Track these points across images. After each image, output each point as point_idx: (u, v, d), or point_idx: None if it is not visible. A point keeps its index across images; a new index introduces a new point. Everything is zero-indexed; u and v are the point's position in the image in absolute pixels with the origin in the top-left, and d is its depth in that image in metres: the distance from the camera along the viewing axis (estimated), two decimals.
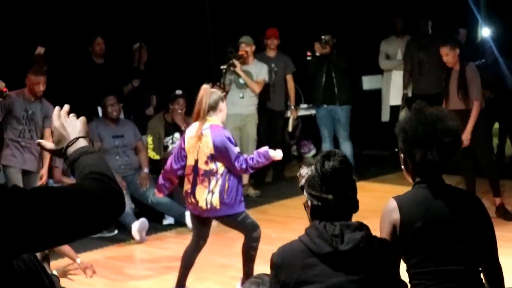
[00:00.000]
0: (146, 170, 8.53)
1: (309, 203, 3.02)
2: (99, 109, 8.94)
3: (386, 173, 10.53)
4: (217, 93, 5.77)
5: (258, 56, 9.77)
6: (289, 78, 10.25)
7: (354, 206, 3.03)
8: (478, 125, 7.70)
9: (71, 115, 2.38)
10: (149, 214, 8.14)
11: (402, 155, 3.31)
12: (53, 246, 2.18)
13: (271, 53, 10.04)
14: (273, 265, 2.98)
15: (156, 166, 8.64)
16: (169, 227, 8.26)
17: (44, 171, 7.76)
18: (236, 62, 9.35)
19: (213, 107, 5.66)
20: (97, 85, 8.95)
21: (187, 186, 5.81)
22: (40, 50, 8.58)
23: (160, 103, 9.43)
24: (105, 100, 8.45)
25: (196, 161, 5.69)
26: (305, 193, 3.05)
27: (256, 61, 9.62)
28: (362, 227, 2.95)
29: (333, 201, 2.94)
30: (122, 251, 7.61)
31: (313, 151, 12.63)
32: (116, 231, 8.11)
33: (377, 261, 2.92)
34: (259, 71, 9.49)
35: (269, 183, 10.48)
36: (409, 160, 3.26)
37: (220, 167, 5.64)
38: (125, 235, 7.91)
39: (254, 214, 5.94)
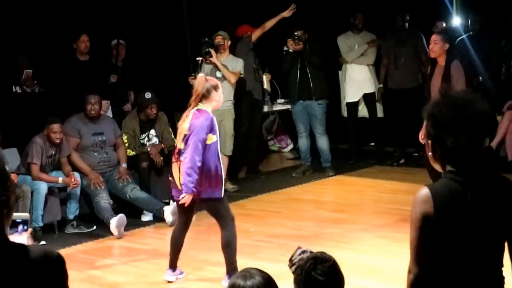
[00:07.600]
0: (124, 165, 8.51)
1: None
2: None
3: (363, 166, 10.61)
4: (211, 81, 5.91)
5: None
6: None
7: None
8: None
9: None
10: (128, 210, 8.13)
11: (429, 141, 3.05)
12: None
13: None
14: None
15: (132, 162, 8.66)
16: (147, 222, 8.28)
17: None
18: (212, 51, 9.38)
19: (204, 95, 5.80)
20: (82, 82, 8.87)
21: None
22: (28, 74, 8.97)
23: (137, 99, 9.42)
24: (87, 98, 8.38)
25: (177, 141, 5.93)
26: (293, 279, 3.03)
27: (232, 56, 9.66)
28: None
29: None
30: (101, 246, 7.62)
31: (291, 146, 12.71)
32: (94, 227, 8.14)
33: None
34: (235, 65, 9.52)
35: (248, 178, 10.51)
36: (438, 146, 3.01)
37: None
38: (103, 231, 7.93)
39: (231, 209, 5.99)
